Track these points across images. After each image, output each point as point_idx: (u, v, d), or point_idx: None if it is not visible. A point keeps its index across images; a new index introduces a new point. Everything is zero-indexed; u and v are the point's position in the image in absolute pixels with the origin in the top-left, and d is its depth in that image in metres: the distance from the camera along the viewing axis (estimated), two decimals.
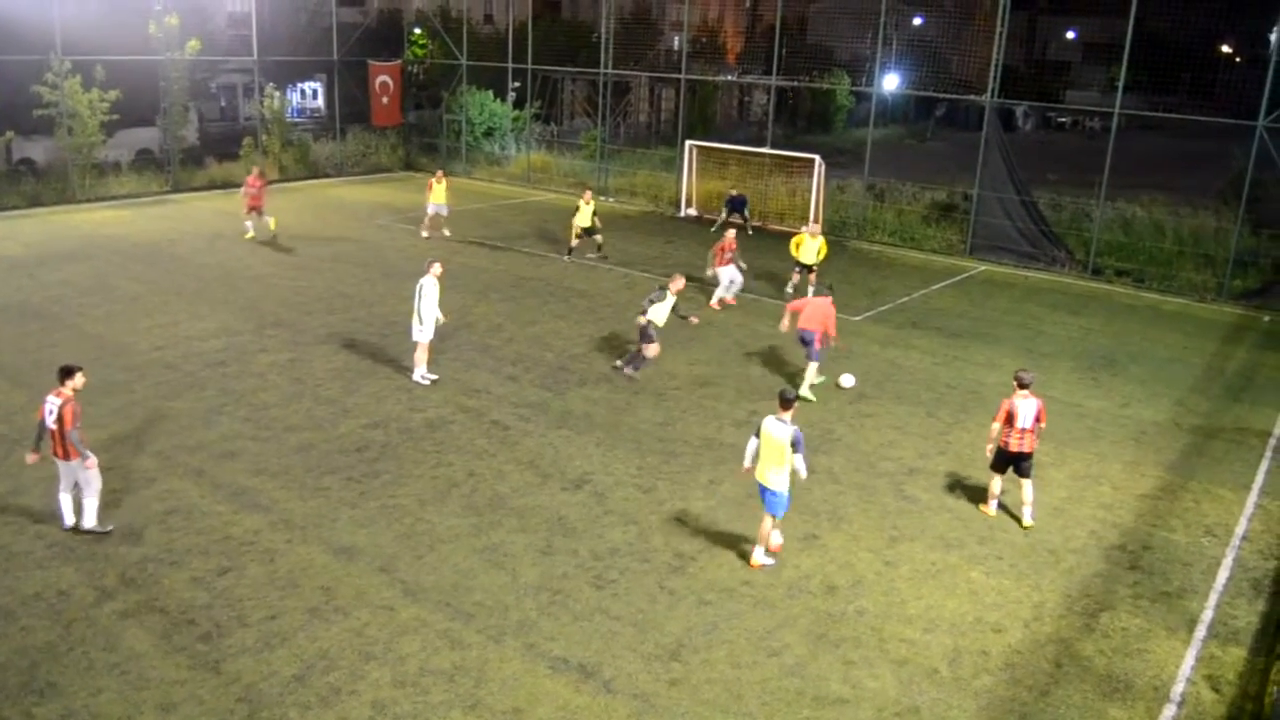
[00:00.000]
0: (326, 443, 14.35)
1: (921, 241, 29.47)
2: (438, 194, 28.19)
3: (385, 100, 40.83)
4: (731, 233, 22.64)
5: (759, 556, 11.60)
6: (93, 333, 19.03)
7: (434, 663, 9.70)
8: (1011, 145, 28.95)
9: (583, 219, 26.22)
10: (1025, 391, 12.45)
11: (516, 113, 41.42)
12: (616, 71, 36.94)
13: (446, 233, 28.51)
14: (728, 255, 22.12)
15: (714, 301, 22.17)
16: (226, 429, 14.71)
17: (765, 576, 11.39)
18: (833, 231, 29.83)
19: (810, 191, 29.79)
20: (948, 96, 35.32)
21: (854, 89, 52.68)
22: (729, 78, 54.75)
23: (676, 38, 53.70)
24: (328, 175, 39.18)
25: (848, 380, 17.11)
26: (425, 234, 28.42)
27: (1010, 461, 12.72)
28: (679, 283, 17.60)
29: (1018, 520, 12.92)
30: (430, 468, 13.66)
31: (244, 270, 23.96)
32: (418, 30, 45.61)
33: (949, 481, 14.00)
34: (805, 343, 16.51)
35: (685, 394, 16.79)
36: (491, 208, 33.62)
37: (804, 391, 16.46)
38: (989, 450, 12.89)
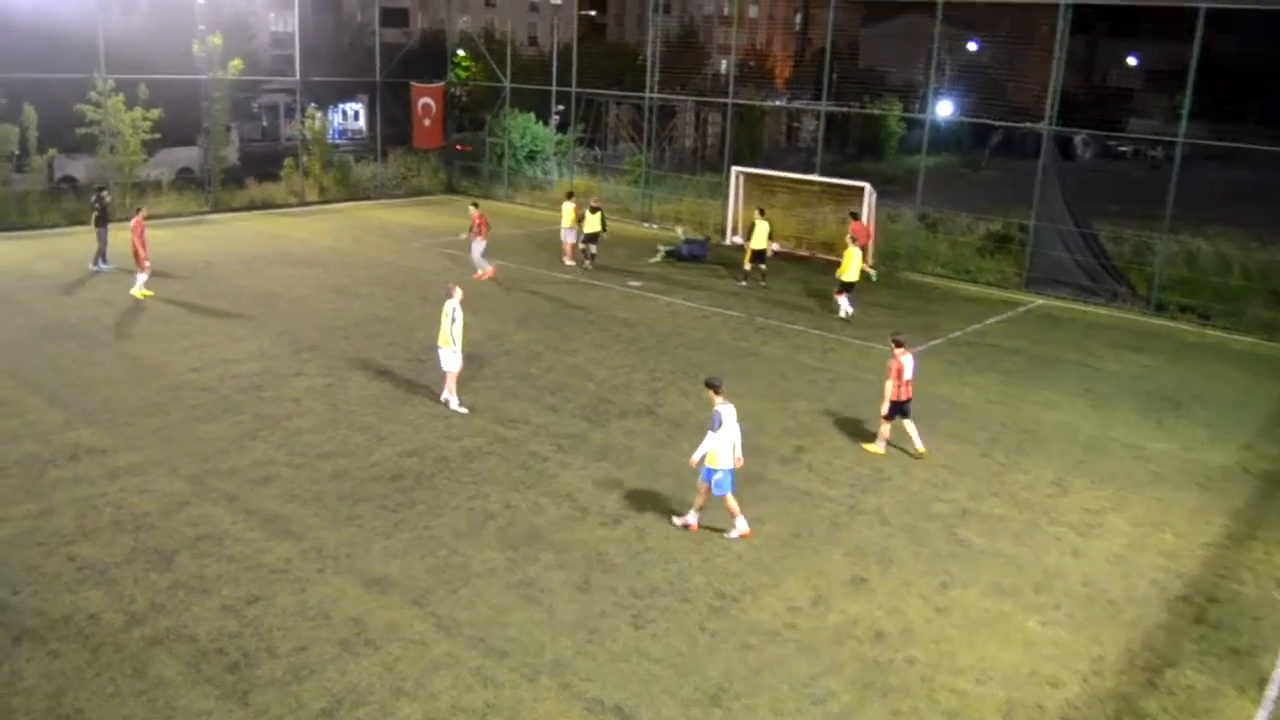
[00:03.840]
0: (361, 470, 14.41)
1: (976, 274, 29.23)
2: (570, 218, 28.55)
3: (427, 122, 41.32)
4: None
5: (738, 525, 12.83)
6: (130, 353, 19.30)
7: (466, 701, 9.65)
8: (1070, 175, 28.69)
9: (590, 225, 27.49)
10: (903, 349, 15.43)
11: (560, 136, 41.73)
12: (662, 95, 37.11)
13: (573, 261, 28.67)
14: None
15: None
16: (260, 454, 14.83)
17: (811, 620, 11.25)
18: (883, 262, 29.67)
19: (860, 220, 29.67)
20: (1004, 124, 35.12)
21: (906, 115, 52.58)
22: (777, 103, 54.87)
23: (724, 61, 53.95)
24: (367, 197, 39.63)
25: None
26: (570, 261, 28.67)
27: (900, 410, 15.55)
28: None
29: (905, 451, 15.55)
30: (466, 499, 13.67)
31: (282, 293, 24.22)
32: (461, 52, 46.24)
33: (1004, 525, 13.79)
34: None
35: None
36: (532, 232, 33.80)
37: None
38: (885, 407, 15.56)
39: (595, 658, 10.36)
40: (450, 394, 16.98)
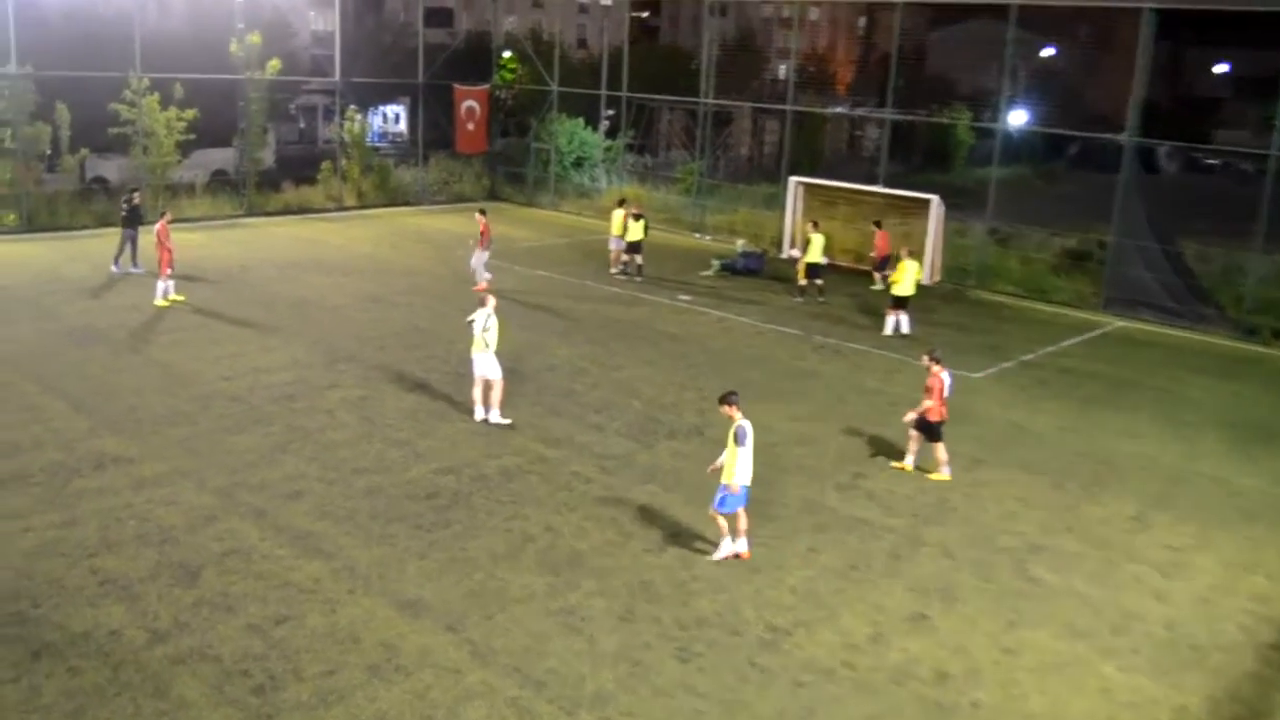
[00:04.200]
0: (395, 487, 14.47)
1: (1050, 293, 28.88)
2: (619, 225, 28.81)
3: (471, 126, 41.66)
4: None
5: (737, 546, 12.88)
6: (159, 359, 19.56)
7: None
8: (1153, 189, 28.30)
9: (632, 233, 27.67)
10: (941, 366, 15.51)
11: (609, 142, 41.89)
12: (717, 101, 37.15)
13: (618, 270, 28.93)
14: None
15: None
16: (291, 468, 14.94)
17: (869, 659, 11.10)
18: (950, 278, 29.42)
19: (927, 235, 29.48)
20: (1081, 134, 34.75)
21: (976, 124, 52.18)
22: (839, 110, 54.73)
23: (783, 66, 53.91)
24: (407, 203, 39.99)
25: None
26: (615, 270, 28.99)
27: (932, 431, 15.51)
28: None
29: (926, 473, 15.69)
30: (504, 520, 13.68)
31: (317, 300, 24.47)
32: (507, 54, 46.60)
33: (1079, 562, 13.55)
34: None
35: (783, 451, 16.59)
36: (579, 242, 33.92)
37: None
38: (912, 418, 15.66)
39: (638, 692, 10.29)
40: (495, 406, 17.05)
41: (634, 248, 28.31)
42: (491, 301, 17.05)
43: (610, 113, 41.26)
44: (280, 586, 11.76)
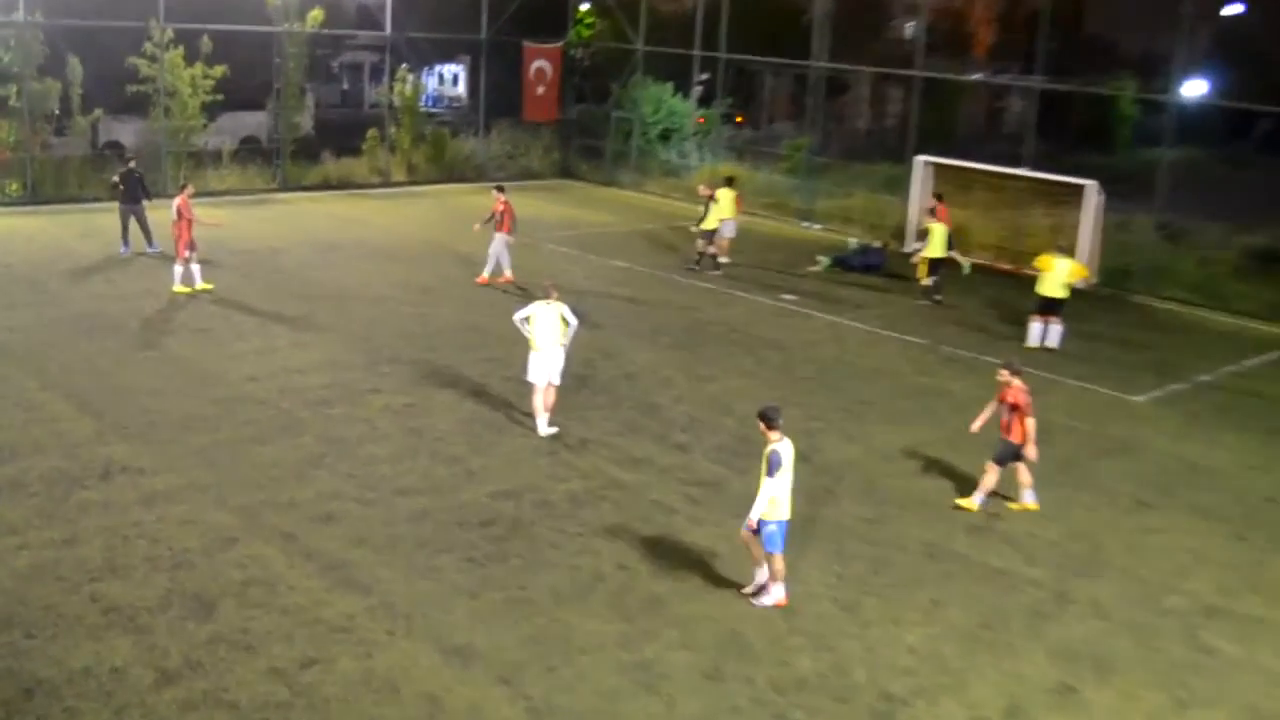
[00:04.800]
0: (445, 512, 14.54)
1: (1232, 301, 28.22)
2: (729, 207, 29.10)
3: (541, 90, 41.94)
4: None
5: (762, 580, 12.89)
6: (177, 354, 19.93)
7: None
8: None
9: (713, 220, 27.90)
10: (1020, 379, 15.50)
11: (702, 111, 41.86)
12: (831, 65, 36.95)
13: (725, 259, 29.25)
14: None
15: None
16: (325, 485, 15.10)
17: None
18: (1109, 281, 28.88)
19: (1079, 227, 29.00)
20: (1274, 110, 33.92)
21: (1143, 96, 51.18)
22: (977, 76, 54.05)
23: (910, 25, 53.43)
24: (465, 179, 40.38)
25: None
26: (725, 259, 29.24)
27: (1017, 454, 15.48)
28: None
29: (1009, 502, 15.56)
30: (571, 554, 13.66)
31: (360, 290, 24.77)
32: (585, 6, 46.79)
33: (1265, 630, 13.17)
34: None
35: (904, 483, 16.39)
36: (665, 229, 33.94)
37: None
38: (1032, 450, 15.34)
39: None
40: (540, 411, 17.32)
41: (710, 235, 28.32)
42: (555, 296, 17.26)
43: (704, 77, 41.25)
44: (308, 624, 11.86)
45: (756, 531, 12.67)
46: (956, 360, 22.49)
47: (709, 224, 28.15)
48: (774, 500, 12.55)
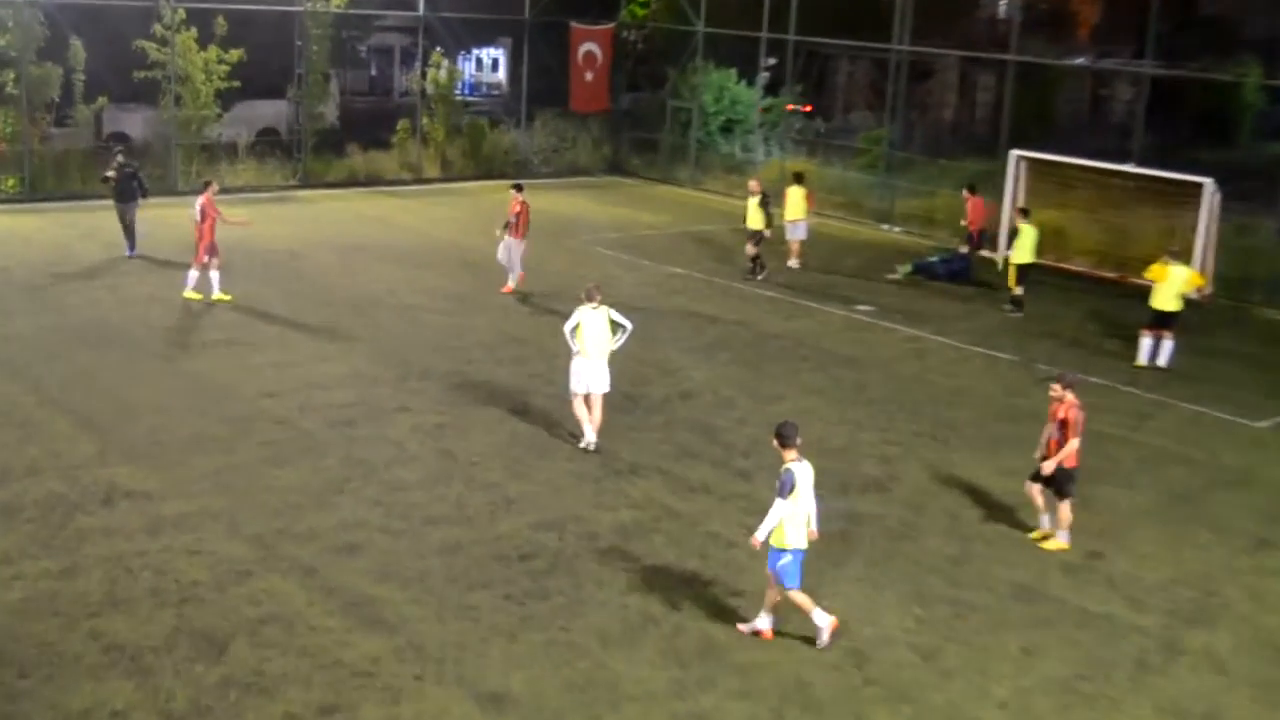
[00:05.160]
0: (480, 545, 14.62)
1: None
2: (797, 207, 29.44)
3: (589, 76, 42.11)
4: None
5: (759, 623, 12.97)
6: (187, 368, 20.19)
7: None
8: None
9: (750, 220, 27.90)
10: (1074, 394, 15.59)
11: (769, 101, 41.88)
12: (914, 48, 36.86)
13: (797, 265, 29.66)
14: None
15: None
16: (348, 513, 15.24)
17: None
18: (1228, 292, 28.57)
19: (1194, 231, 28.77)
20: None
21: (1269, 83, 50.71)
22: (1078, 61, 53.68)
23: (1004, 2, 53.20)
24: (505, 175, 40.50)
25: None
26: (794, 262, 29.78)
27: (1066, 481, 15.41)
28: None
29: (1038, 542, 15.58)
30: (619, 593, 13.70)
31: (386, 298, 24.99)
32: None
33: None
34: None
35: (992, 517, 16.32)
36: (726, 231, 33.94)
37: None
38: (1052, 468, 15.31)
39: None
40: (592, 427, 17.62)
41: (756, 237, 28.28)
42: (599, 298, 17.54)
43: (772, 61, 41.24)
44: (329, 666, 11.96)
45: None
46: (1052, 380, 22.29)
47: (753, 223, 28.14)
48: (784, 525, 12.68)
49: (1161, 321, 23.11)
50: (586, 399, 17.59)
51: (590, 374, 17.48)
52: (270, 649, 12.18)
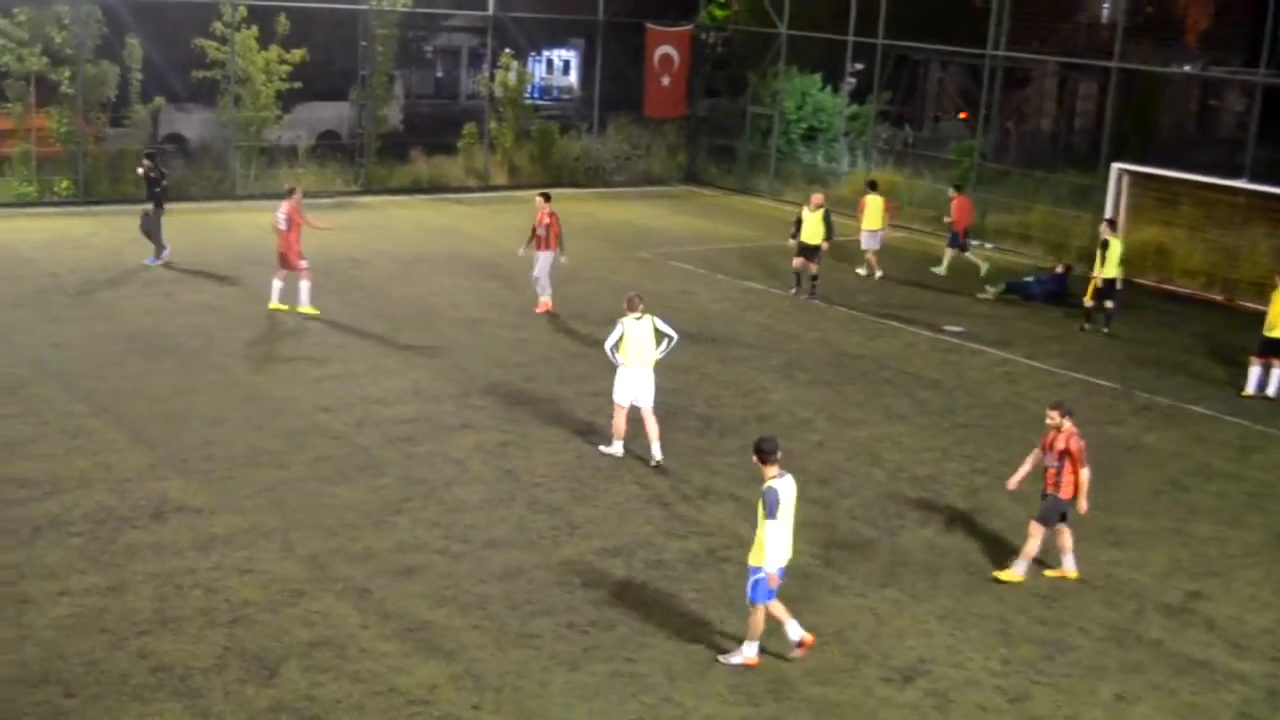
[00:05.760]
0: (543, 570, 14.70)
1: None
2: (875, 216, 29.89)
3: (665, 81, 42.20)
4: None
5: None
6: (242, 380, 20.47)
7: None
8: None
9: (810, 234, 27.59)
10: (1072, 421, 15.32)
11: (854, 108, 41.81)
12: (1011, 53, 36.66)
13: (866, 272, 30.05)
14: None
15: None
16: (406, 534, 15.38)
17: None
18: None
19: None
20: None
21: None
22: (1186, 68, 53.16)
23: (1107, 6, 52.81)
24: (575, 184, 40.73)
25: None
26: (864, 272, 30.23)
27: (1063, 513, 15.34)
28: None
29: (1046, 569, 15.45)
30: (688, 624, 13.72)
31: (449, 311, 25.18)
32: None
33: None
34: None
35: (1087, 554, 16.13)
36: (829, 248, 33.85)
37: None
38: (1083, 503, 15.21)
39: None
40: (654, 439, 17.98)
41: (809, 253, 27.96)
42: (638, 311, 17.82)
43: (859, 67, 41.17)
44: (383, 693, 12.06)
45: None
46: (1152, 408, 22.16)
47: (813, 237, 27.83)
48: (763, 543, 12.78)
49: (1272, 349, 22.82)
50: (631, 412, 17.91)
51: (636, 385, 17.75)
52: (323, 673, 12.30)
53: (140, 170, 27.76)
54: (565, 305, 25.88)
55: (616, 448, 18.18)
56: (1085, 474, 15.14)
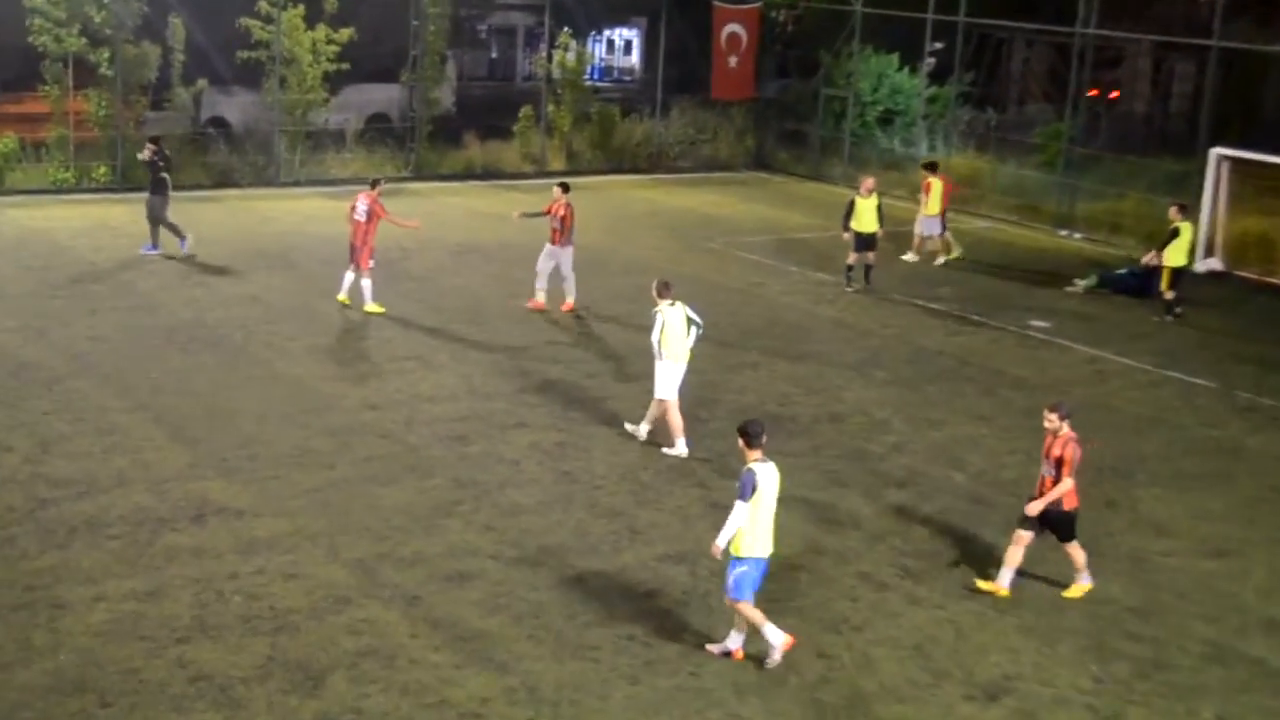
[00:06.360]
0: (601, 577, 14.66)
1: None
2: (936, 200, 30.11)
3: (733, 61, 42.10)
4: None
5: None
6: (286, 374, 20.57)
7: None
8: None
9: (865, 222, 27.48)
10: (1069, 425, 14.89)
11: (934, 90, 41.55)
12: (1101, 31, 36.32)
13: (939, 259, 30.31)
14: None
15: None
16: (457, 538, 15.38)
17: None
18: None
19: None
20: None
21: None
22: None
23: None
24: (636, 170, 40.72)
25: None
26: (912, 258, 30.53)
27: (1066, 523, 14.91)
28: None
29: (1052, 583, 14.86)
30: (756, 635, 13.61)
31: (504, 303, 25.22)
32: None
33: None
34: None
35: (1184, 564, 16.01)
36: (883, 234, 33.70)
37: None
38: (1038, 509, 14.66)
39: None
40: (647, 421, 18.37)
41: (866, 243, 27.84)
42: (670, 298, 18.12)
43: (938, 46, 40.93)
44: (433, 706, 12.04)
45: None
46: (1256, 409, 21.92)
47: (869, 225, 27.68)
48: (744, 532, 12.85)
49: None
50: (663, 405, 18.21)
51: (679, 377, 18.10)
52: (370, 685, 12.30)
53: (143, 156, 27.85)
54: (621, 300, 25.81)
55: (680, 447, 18.19)
56: (1065, 484, 14.64)
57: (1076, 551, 15.00)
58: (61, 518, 15.25)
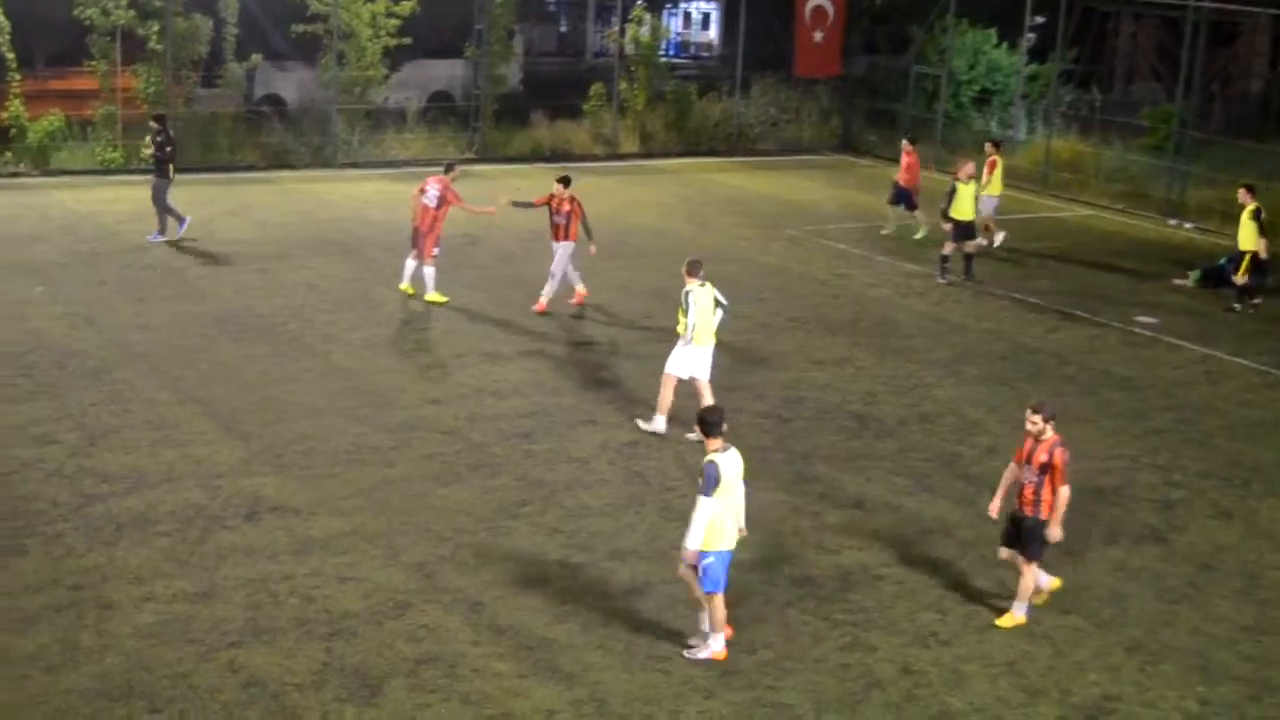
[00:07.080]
0: (674, 584, 14.62)
1: None
2: (997, 181, 30.12)
3: (818, 36, 42.00)
4: None
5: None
6: (343, 366, 20.76)
7: None
8: None
9: (964, 210, 27.21)
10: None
11: (1034, 67, 41.27)
12: (1216, 4, 35.97)
13: (984, 241, 29.79)
14: None
15: None
16: (523, 541, 15.49)
17: None
18: None
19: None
20: None
21: None
22: None
23: None
24: (714, 152, 40.69)
25: None
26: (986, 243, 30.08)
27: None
28: None
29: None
30: (838, 649, 13.66)
31: (570, 294, 25.20)
32: None
33: None
34: None
35: None
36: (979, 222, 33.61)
37: None
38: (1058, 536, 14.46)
39: None
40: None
41: (965, 232, 27.62)
42: (700, 277, 18.38)
43: (1039, 20, 40.65)
44: (496, 718, 12.11)
45: (695, 567, 13.09)
46: None
47: (967, 213, 27.48)
48: (712, 526, 12.94)
49: None
50: (683, 384, 18.45)
51: (699, 359, 18.32)
52: (430, 694, 12.41)
53: (162, 135, 27.93)
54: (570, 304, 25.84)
55: (658, 423, 18.57)
56: (1064, 493, 14.31)
57: (1031, 575, 14.43)
58: (109, 514, 15.49)
